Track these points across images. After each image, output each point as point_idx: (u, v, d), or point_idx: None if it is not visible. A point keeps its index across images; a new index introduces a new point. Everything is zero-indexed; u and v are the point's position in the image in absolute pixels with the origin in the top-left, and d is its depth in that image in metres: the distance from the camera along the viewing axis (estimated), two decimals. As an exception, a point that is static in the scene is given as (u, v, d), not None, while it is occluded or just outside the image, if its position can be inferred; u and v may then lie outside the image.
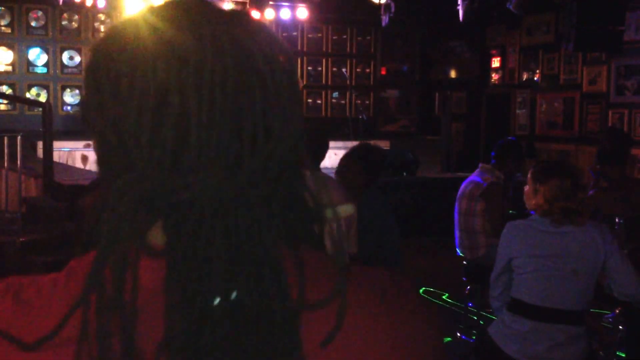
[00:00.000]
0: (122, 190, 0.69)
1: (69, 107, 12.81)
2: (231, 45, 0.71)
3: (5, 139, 7.33)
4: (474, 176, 5.13)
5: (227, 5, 11.97)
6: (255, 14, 12.63)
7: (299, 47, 14.16)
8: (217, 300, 0.65)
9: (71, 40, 12.80)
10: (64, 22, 12.79)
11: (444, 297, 6.38)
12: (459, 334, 5.20)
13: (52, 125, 7.50)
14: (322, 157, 3.80)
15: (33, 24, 12.64)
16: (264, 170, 0.70)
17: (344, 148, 6.38)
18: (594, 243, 3.13)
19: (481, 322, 5.14)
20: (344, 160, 4.29)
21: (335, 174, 4.29)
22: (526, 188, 3.34)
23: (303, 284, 0.70)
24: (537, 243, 3.18)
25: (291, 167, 0.73)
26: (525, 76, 12.56)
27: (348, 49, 14.58)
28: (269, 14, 12.72)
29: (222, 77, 0.69)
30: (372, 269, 0.81)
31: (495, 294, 3.38)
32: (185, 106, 0.67)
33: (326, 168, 4.15)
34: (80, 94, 12.07)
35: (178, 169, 0.68)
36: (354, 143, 4.52)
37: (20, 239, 6.04)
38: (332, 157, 11.64)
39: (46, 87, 12.75)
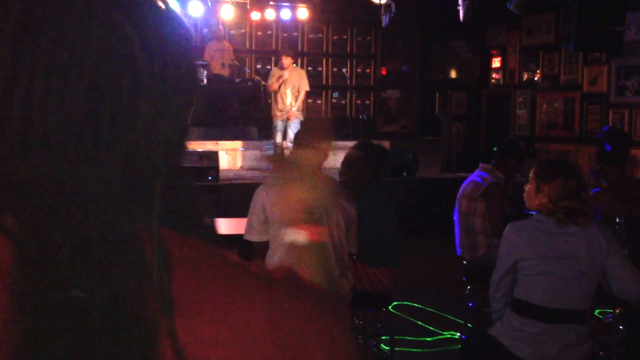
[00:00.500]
0: None
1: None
2: (101, 25, 0.66)
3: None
4: (474, 176, 5.13)
5: (226, 7, 11.94)
6: (255, 15, 12.63)
7: (300, 48, 14.16)
8: (57, 296, 0.60)
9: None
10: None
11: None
12: (459, 334, 5.20)
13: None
14: (325, 156, 3.82)
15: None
16: (125, 161, 0.65)
17: (344, 148, 6.35)
18: (598, 244, 3.14)
19: (482, 323, 5.14)
20: (347, 158, 4.31)
21: (339, 172, 4.30)
22: (527, 187, 3.33)
23: (168, 283, 0.64)
24: (545, 244, 3.16)
25: (165, 165, 0.69)
26: (525, 76, 12.56)
27: (348, 49, 14.58)
28: (270, 14, 12.72)
29: (81, 58, 0.64)
30: (259, 264, 0.74)
31: (498, 295, 3.35)
32: (33, 86, 0.63)
33: (325, 168, 4.15)
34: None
35: (26, 152, 0.63)
36: (355, 143, 4.55)
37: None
38: (332, 158, 11.54)
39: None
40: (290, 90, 9.99)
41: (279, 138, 10.15)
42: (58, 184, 0.63)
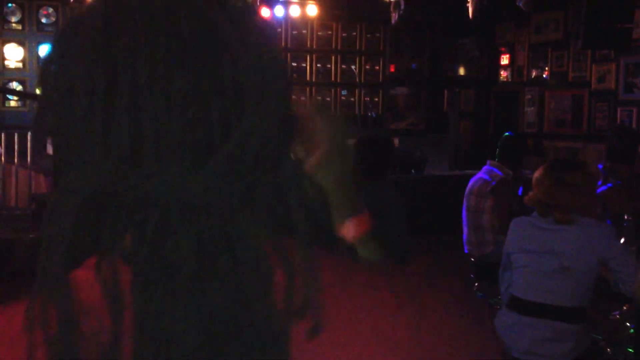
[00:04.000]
0: (69, 188, 0.60)
1: (78, 104, 12.81)
2: (189, 12, 0.59)
3: (15, 135, 7.37)
4: (482, 173, 5.14)
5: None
6: (265, 11, 12.64)
7: (308, 45, 14.16)
8: (184, 314, 0.56)
9: (81, 37, 12.83)
10: (73, 19, 12.83)
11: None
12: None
13: (62, 121, 7.53)
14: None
15: (44, 20, 12.68)
16: (240, 158, 0.58)
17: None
18: (591, 241, 3.15)
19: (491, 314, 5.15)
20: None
21: None
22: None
23: (291, 291, 0.61)
24: (530, 239, 3.25)
25: (277, 153, 0.62)
26: (534, 73, 12.53)
27: (357, 46, 14.56)
28: (279, 11, 12.73)
29: (178, 48, 0.57)
30: None
31: (502, 290, 3.45)
32: (136, 87, 0.56)
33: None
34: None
35: (138, 162, 0.56)
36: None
37: (30, 236, 6.08)
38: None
39: (56, 84, 12.79)
40: None
41: None
42: (172, 190, 0.56)
